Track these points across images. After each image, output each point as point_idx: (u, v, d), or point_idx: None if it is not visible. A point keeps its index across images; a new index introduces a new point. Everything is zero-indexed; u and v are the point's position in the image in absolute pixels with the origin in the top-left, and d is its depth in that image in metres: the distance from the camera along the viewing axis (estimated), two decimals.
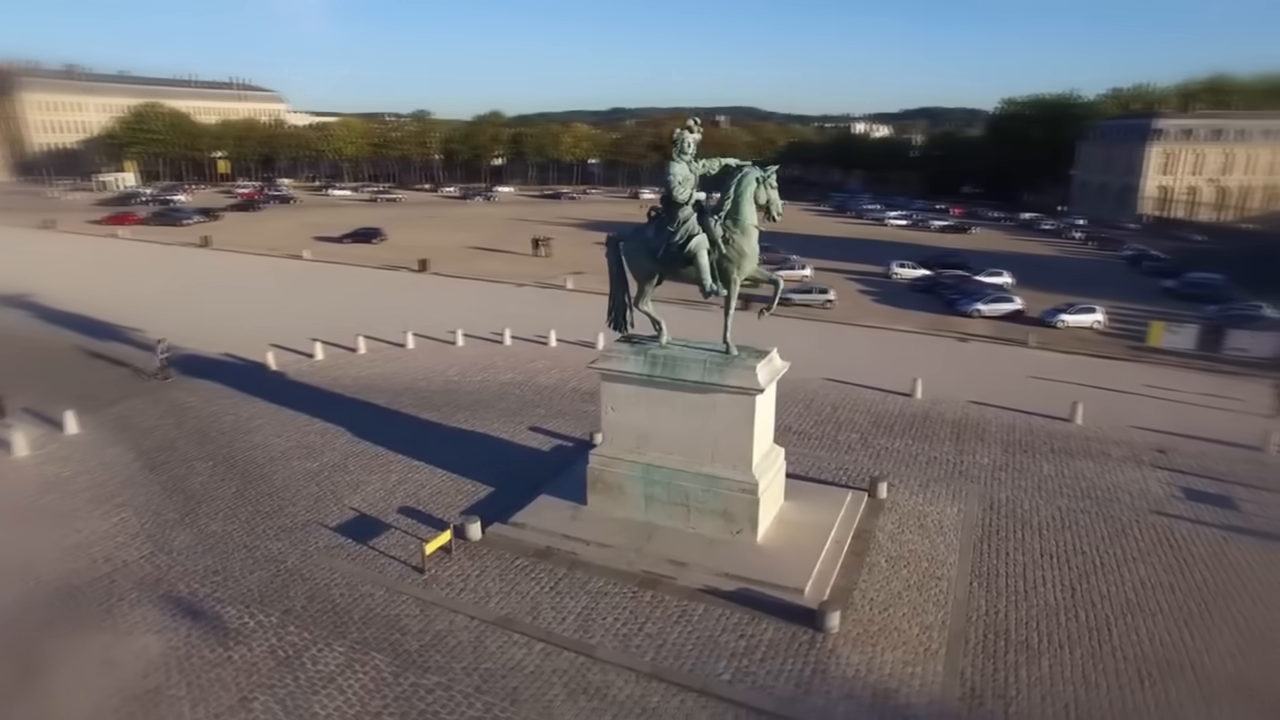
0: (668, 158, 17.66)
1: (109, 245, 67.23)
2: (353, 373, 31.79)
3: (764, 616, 15.85)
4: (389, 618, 16.01)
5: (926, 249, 69.28)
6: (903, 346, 38.42)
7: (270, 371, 31.56)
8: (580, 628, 15.64)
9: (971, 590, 17.20)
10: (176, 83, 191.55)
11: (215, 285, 50.29)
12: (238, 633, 15.48)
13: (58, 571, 17.48)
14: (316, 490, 21.40)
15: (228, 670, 14.41)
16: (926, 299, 49.57)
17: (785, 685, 14.00)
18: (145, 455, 23.51)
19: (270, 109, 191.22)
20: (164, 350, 30.86)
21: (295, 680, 14.14)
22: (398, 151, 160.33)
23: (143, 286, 49.04)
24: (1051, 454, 25.07)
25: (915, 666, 14.55)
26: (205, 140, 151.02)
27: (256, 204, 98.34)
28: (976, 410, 28.76)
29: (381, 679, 14.20)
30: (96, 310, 40.82)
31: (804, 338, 39.52)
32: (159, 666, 14.48)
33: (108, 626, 15.62)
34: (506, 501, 20.57)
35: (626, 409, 18.74)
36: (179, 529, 19.32)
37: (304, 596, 16.69)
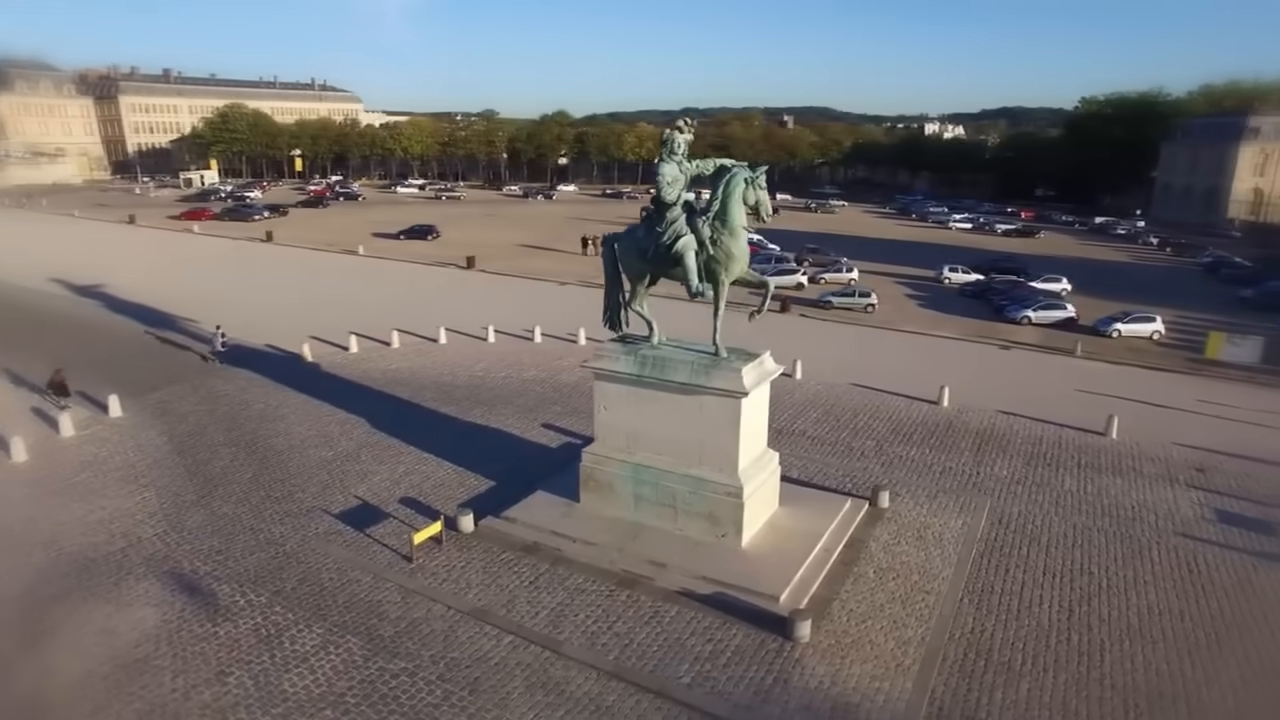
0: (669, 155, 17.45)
1: (181, 239, 70.95)
2: (383, 366, 32.75)
3: (735, 622, 15.69)
4: (371, 603, 16.49)
5: (986, 254, 67.03)
6: (940, 353, 37.27)
7: (305, 363, 32.80)
8: (551, 623, 15.79)
9: (960, 606, 16.62)
10: (261, 84, 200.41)
11: (270, 278, 52.56)
12: (228, 610, 16.20)
13: (78, 544, 18.62)
14: (326, 478, 22.17)
15: (211, 645, 15.11)
16: (975, 305, 47.96)
17: (744, 692, 13.84)
18: (176, 439, 24.78)
19: (347, 109, 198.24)
20: (222, 337, 33.12)
21: (271, 658, 14.73)
22: (464, 150, 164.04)
23: (204, 278, 51.63)
24: (1077, 468, 23.98)
25: (883, 682, 14.17)
26: (283, 139, 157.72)
27: (324, 201, 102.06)
28: (1005, 420, 27.72)
29: (352, 661, 14.66)
30: (159, 300, 43.19)
31: (839, 342, 38.89)
32: (151, 638, 15.28)
33: (113, 598, 16.56)
34: (505, 496, 20.90)
35: (617, 408, 18.81)
36: (193, 510, 20.32)
37: (295, 579, 17.34)
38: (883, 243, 76.56)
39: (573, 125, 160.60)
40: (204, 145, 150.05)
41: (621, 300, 19.17)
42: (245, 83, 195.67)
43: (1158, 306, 45.02)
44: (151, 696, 13.76)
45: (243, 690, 13.91)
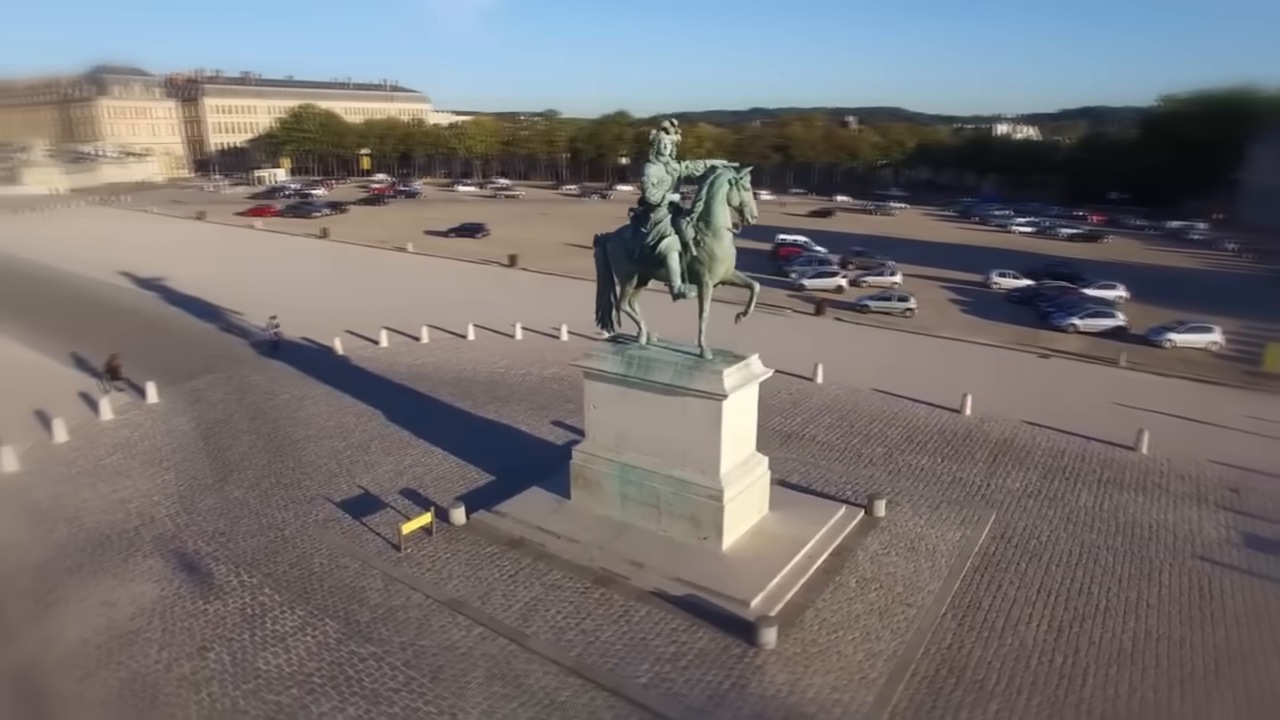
0: (656, 156, 17.52)
1: (242, 235, 74.09)
2: (409, 360, 33.62)
3: (703, 625, 15.62)
4: (354, 589, 17.03)
5: (1044, 258, 64.61)
6: (974, 360, 36.13)
7: (335, 355, 33.95)
8: (522, 617, 16.02)
9: (942, 621, 16.16)
10: (334, 85, 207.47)
11: (318, 274, 54.46)
12: (221, 589, 16.97)
13: (98, 522, 19.76)
14: (334, 467, 22.94)
15: (199, 621, 15.86)
16: (1021, 311, 46.26)
17: (698, 696, 13.78)
18: (204, 425, 26.01)
19: (416, 109, 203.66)
20: (274, 325, 34.72)
21: (251, 636, 15.39)
22: (525, 150, 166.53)
23: (258, 272, 53.91)
24: (1097, 484, 22.98)
25: (844, 693, 13.90)
26: (351, 138, 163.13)
27: (383, 199, 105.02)
28: (1028, 431, 26.73)
29: (325, 644, 15.19)
30: (212, 292, 45.29)
31: (870, 346, 38.14)
32: (146, 612, 16.14)
33: (119, 573, 17.54)
34: (502, 491, 21.23)
35: (606, 408, 18.93)
36: (207, 493, 21.32)
37: (288, 562, 18.04)
38: (937, 246, 74.47)
39: (633, 125, 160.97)
40: (277, 144, 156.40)
41: (613, 300, 19.24)
42: (319, 84, 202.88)
43: (1223, 316, 42.59)
44: (136, 666, 14.54)
45: (220, 665, 14.57)
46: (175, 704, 13.63)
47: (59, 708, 13.59)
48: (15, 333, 37.13)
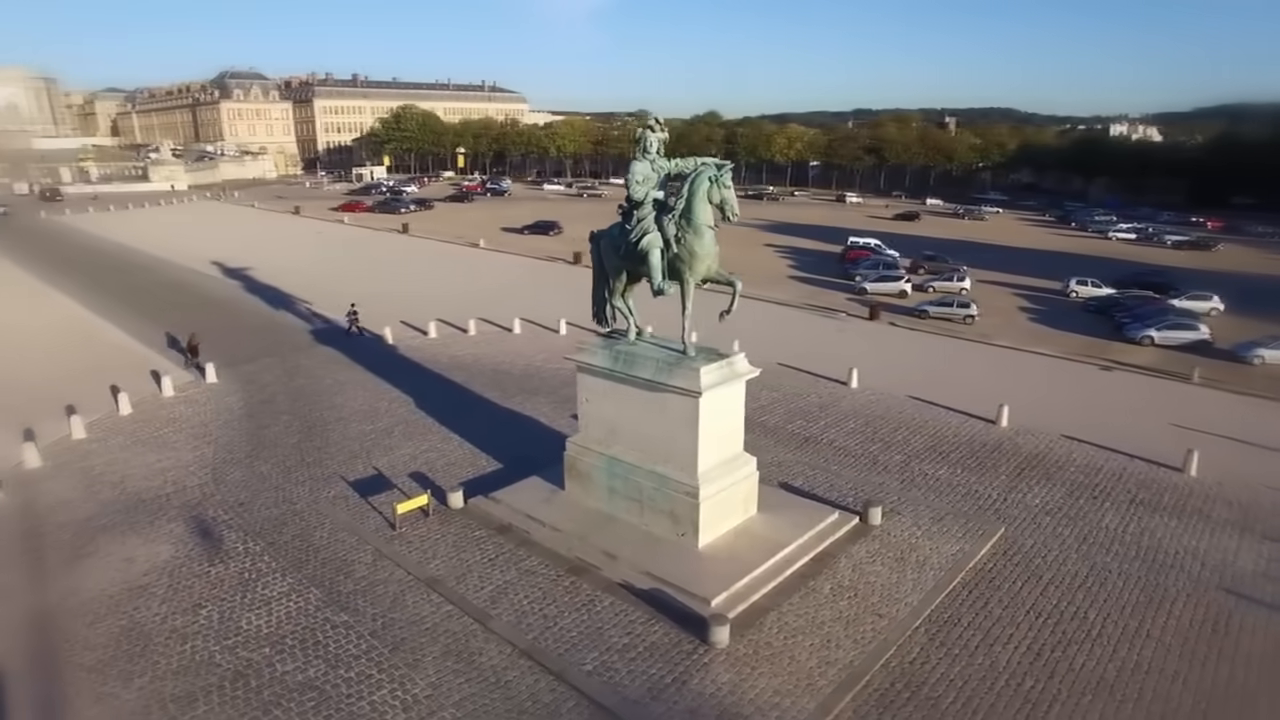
0: (642, 154, 17.73)
1: (330, 228, 78.36)
2: (452, 351, 34.89)
3: (662, 620, 15.71)
4: (344, 562, 18.00)
5: (1139, 266, 60.54)
6: (1028, 370, 34.38)
7: (385, 344, 35.59)
8: (491, 599, 16.53)
9: (912, 635, 15.64)
10: (435, 86, 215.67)
11: (390, 266, 57.00)
12: (227, 554, 18.27)
13: (138, 487, 21.60)
14: (356, 449, 24.18)
15: (200, 582, 17.16)
16: (1095, 321, 43.59)
17: (637, 687, 13.91)
18: (250, 405, 27.88)
19: (513, 109, 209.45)
20: (353, 313, 36.99)
21: (242, 598, 16.54)
22: (615, 149, 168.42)
23: (335, 264, 56.95)
24: (1128, 504, 21.57)
25: (786, 698, 13.72)
26: (448, 137, 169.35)
27: (469, 196, 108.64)
28: (1065, 446, 25.32)
29: (305, 610, 16.16)
30: (289, 282, 48.28)
31: (920, 353, 36.92)
32: (157, 569, 17.58)
33: (144, 533, 19.14)
34: (507, 479, 21.86)
35: (596, 401, 19.24)
36: (237, 467, 22.91)
37: (292, 534, 19.21)
38: (1023, 252, 71.01)
39: (723, 126, 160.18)
40: (379, 143, 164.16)
41: (607, 295, 19.50)
42: (422, 85, 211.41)
43: None
44: (138, 617, 15.90)
45: (208, 622, 15.76)
46: (161, 653, 14.83)
47: (65, 647, 15.02)
48: (111, 314, 40.79)
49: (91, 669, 14.46)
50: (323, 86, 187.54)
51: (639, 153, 17.55)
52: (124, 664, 14.58)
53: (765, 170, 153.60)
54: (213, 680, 14.14)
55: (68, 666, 14.54)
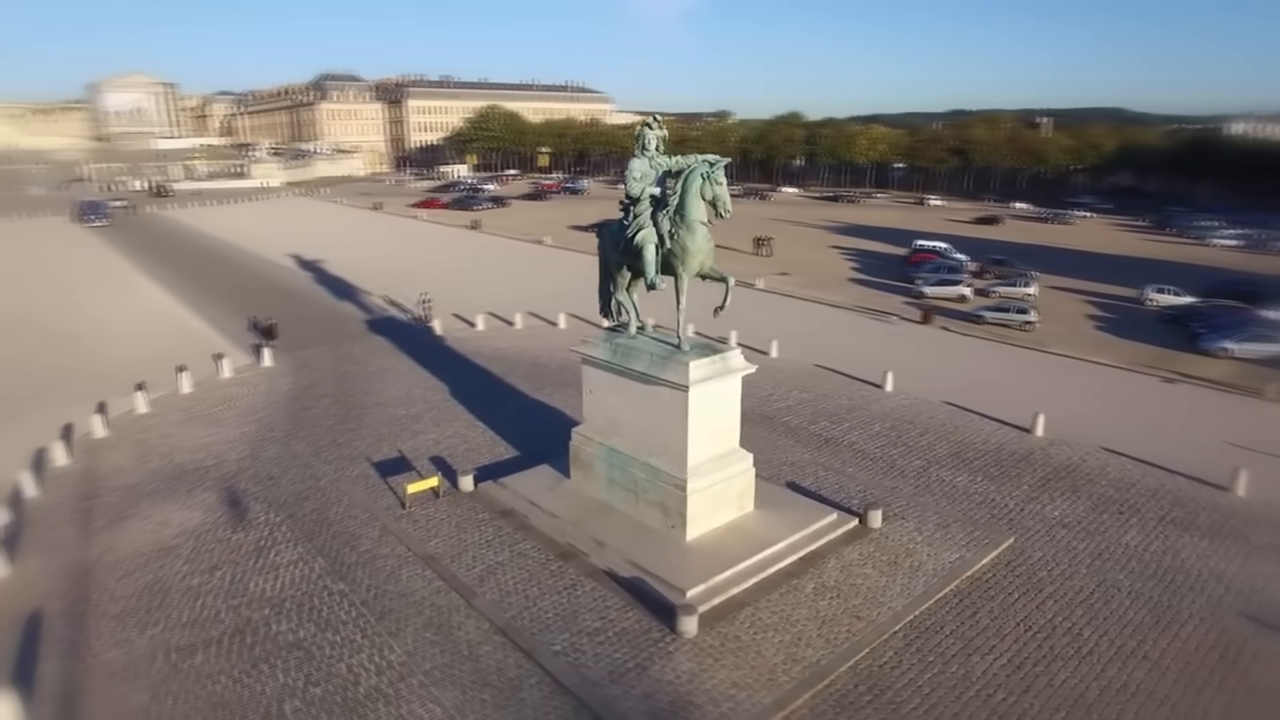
0: (641, 151, 18.09)
1: (407, 224, 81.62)
2: (495, 344, 35.99)
3: (637, 607, 16.03)
4: (352, 536, 19.06)
5: (1233, 275, 56.64)
6: (1081, 379, 32.80)
7: (433, 335, 37.04)
8: (480, 578, 17.22)
9: (889, 640, 15.43)
10: (522, 87, 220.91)
11: (455, 261, 59.01)
12: (249, 524, 19.63)
13: (184, 458, 23.38)
14: (385, 432, 25.40)
15: (221, 546, 18.54)
16: (1169, 331, 41.09)
17: (599, 670, 14.29)
18: (298, 388, 29.63)
19: (597, 109, 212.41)
20: (425, 302, 38.71)
21: (253, 564, 17.79)
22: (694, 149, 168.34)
23: (404, 258, 59.31)
24: (1157, 522, 20.48)
25: (743, 692, 13.83)
26: (530, 137, 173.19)
27: (545, 194, 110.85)
28: (1101, 458, 24.18)
29: (309, 577, 17.26)
30: (357, 274, 50.73)
31: (967, 358, 35.80)
32: (185, 533, 19.09)
33: (181, 500, 20.77)
34: (520, 465, 22.58)
35: (598, 393, 19.68)
36: (274, 444, 24.46)
37: (311, 508, 20.45)
38: (1107, 258, 67.37)
39: (804, 126, 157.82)
40: (464, 142, 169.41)
41: (612, 290, 19.89)
42: (509, 85, 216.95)
43: None
44: (161, 574, 17.36)
45: (220, 583, 17.04)
46: (175, 607, 16.17)
47: (96, 596, 16.56)
48: (190, 300, 43.97)
49: (115, 617, 15.90)
50: (414, 88, 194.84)
51: (637, 150, 17.92)
52: (142, 615, 15.97)
53: (846, 172, 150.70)
54: (214, 634, 15.34)
55: (95, 613, 16.03)
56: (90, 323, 40.20)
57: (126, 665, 14.49)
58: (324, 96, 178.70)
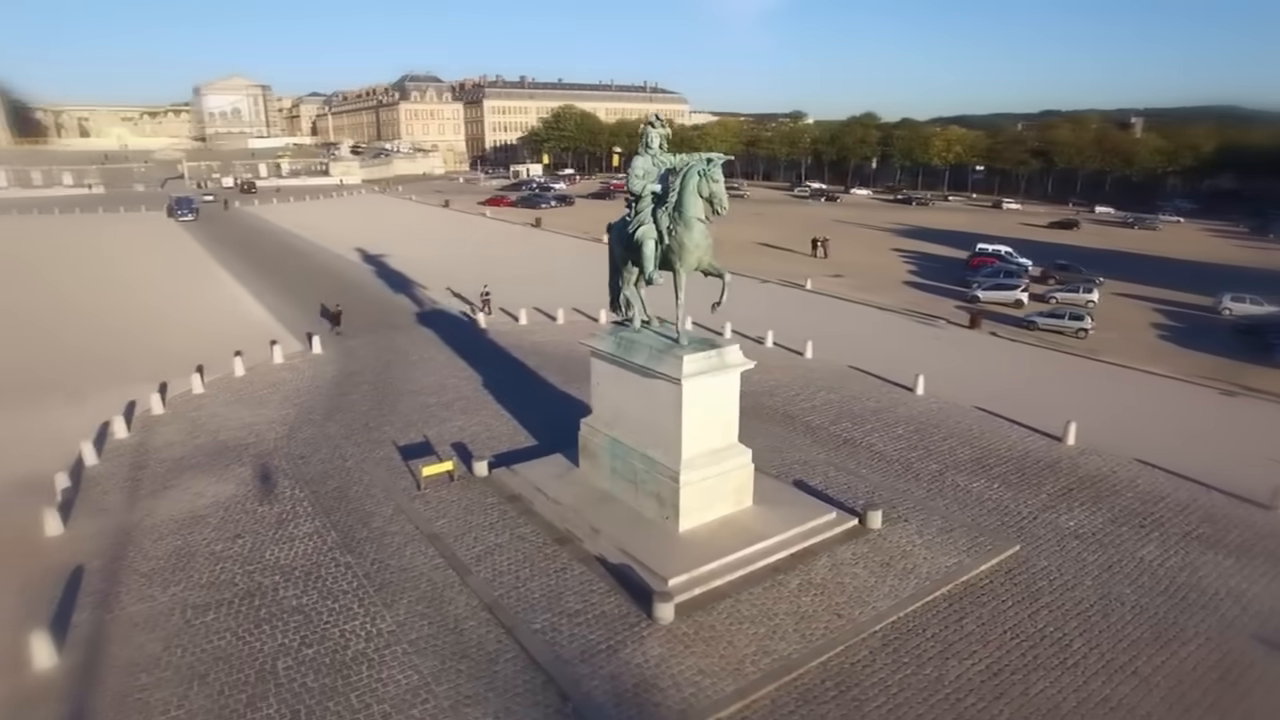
0: (644, 149, 18.51)
1: (471, 220, 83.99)
2: (535, 337, 36.95)
3: (620, 593, 16.46)
4: (367, 513, 20.12)
5: None
6: (1131, 390, 31.42)
7: (477, 328, 38.29)
8: (478, 557, 17.98)
9: (866, 638, 15.41)
10: (598, 87, 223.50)
11: (511, 257, 60.53)
12: (275, 497, 20.96)
13: (228, 436, 25.05)
14: (415, 418, 26.56)
15: (247, 517, 19.88)
16: (1240, 342, 38.82)
17: (572, 649, 14.80)
18: (341, 374, 31.21)
19: (673, 109, 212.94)
20: (485, 294, 40.74)
21: (273, 534, 19.03)
22: (765, 150, 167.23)
23: (463, 253, 61.22)
24: (1180, 538, 19.65)
25: (708, 679, 14.09)
26: (603, 137, 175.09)
27: (612, 193, 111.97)
28: (1132, 470, 23.26)
29: (321, 549, 18.37)
30: (415, 268, 52.74)
31: (1010, 363, 34.87)
32: (216, 504, 20.53)
33: (217, 473, 22.30)
34: (537, 454, 23.31)
35: (604, 385, 20.21)
36: (310, 426, 25.91)
37: (333, 486, 21.66)
38: (1188, 265, 63.91)
39: (879, 127, 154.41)
40: (539, 142, 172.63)
41: (621, 284, 20.35)
42: (585, 85, 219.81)
43: None
44: (190, 540, 18.77)
45: (240, 550, 18.32)
46: (197, 569, 17.50)
47: (131, 556, 18.05)
48: (255, 289, 46.68)
49: (144, 575, 17.32)
50: (492, 88, 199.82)
51: (641, 148, 18.31)
52: (168, 574, 17.35)
53: (921, 174, 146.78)
54: (227, 596, 16.55)
55: (128, 571, 17.49)
56: (164, 309, 43.17)
57: (148, 618, 15.81)
58: (405, 97, 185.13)
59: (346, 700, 13.59)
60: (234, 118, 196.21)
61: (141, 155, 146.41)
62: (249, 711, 13.34)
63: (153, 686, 13.92)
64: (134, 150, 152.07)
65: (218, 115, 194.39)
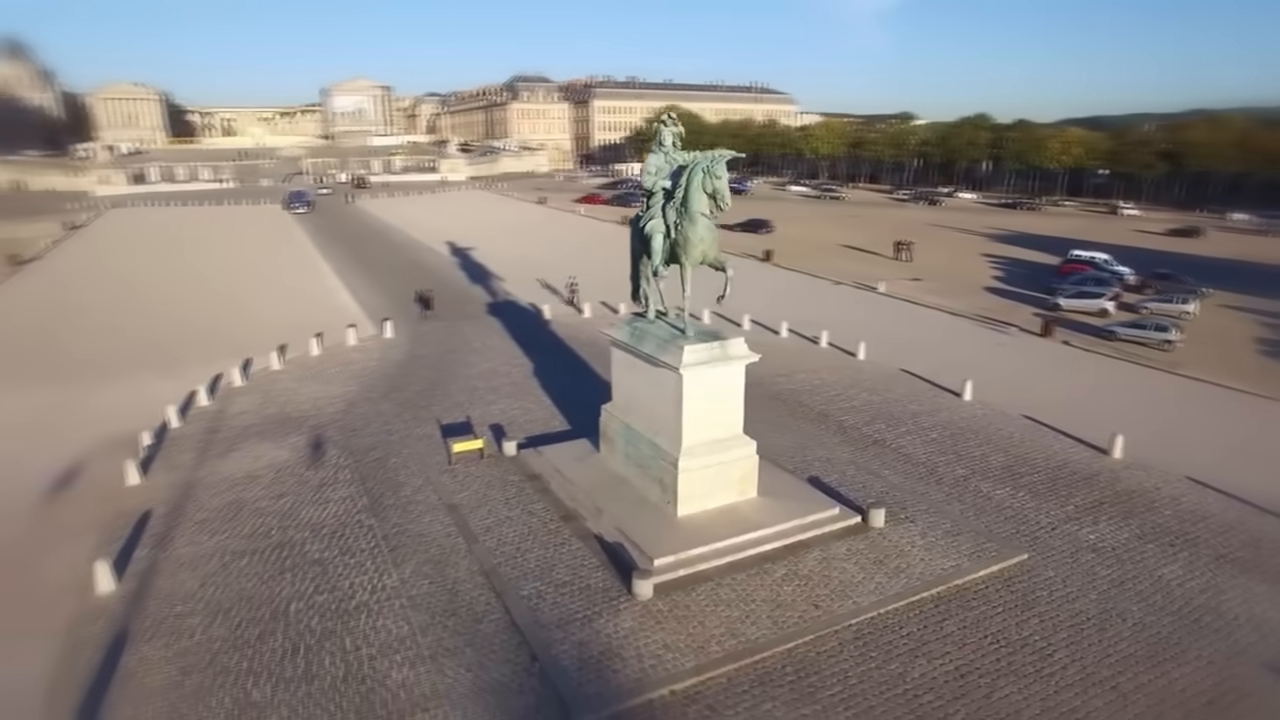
0: (658, 147, 19.24)
1: (563, 217, 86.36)
2: (593, 329, 37.80)
3: (609, 569, 17.30)
4: (399, 482, 21.79)
5: None
6: (1206, 406, 29.37)
7: (541, 319, 39.91)
8: (487, 528, 19.24)
9: (839, 630, 15.61)
10: (706, 87, 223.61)
11: (593, 253, 62.02)
12: (322, 464, 22.99)
13: (293, 408, 27.49)
14: (463, 400, 28.25)
15: (293, 479, 21.96)
16: None
17: (550, 615, 15.77)
18: (406, 358, 33.41)
19: (780, 110, 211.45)
20: (572, 286, 42.85)
21: (312, 495, 20.98)
22: (870, 152, 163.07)
23: (548, 248, 63.34)
24: (1212, 559, 18.58)
25: (670, 653, 14.71)
26: (706, 137, 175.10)
27: None
28: (1178, 487, 22.02)
29: (351, 511, 20.14)
30: (497, 261, 55.17)
31: (1074, 374, 33.38)
32: (270, 466, 22.74)
33: (278, 440, 24.62)
34: (566, 437, 24.45)
35: (620, 372, 21.10)
36: (368, 403, 28.03)
37: (375, 456, 23.51)
38: None
39: (990, 129, 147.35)
40: (643, 141, 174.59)
41: (641, 276, 21.10)
42: (694, 86, 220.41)
43: None
44: (241, 495, 21.00)
45: (281, 507, 20.34)
46: (241, 521, 19.61)
47: (189, 507, 20.40)
48: (346, 277, 50.02)
49: (197, 523, 19.57)
50: (601, 88, 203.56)
51: (655, 146, 19.04)
52: (216, 524, 19.52)
53: (1035, 178, 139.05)
54: (261, 546, 18.49)
55: (184, 519, 19.80)
56: (264, 293, 47.17)
57: (192, 559, 17.93)
58: (515, 97, 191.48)
59: (341, 642, 15.07)
60: (358, 117, 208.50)
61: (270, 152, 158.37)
62: (258, 643, 15.04)
63: (184, 615, 15.89)
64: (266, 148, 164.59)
65: (343, 115, 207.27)
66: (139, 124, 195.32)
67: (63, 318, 41.56)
